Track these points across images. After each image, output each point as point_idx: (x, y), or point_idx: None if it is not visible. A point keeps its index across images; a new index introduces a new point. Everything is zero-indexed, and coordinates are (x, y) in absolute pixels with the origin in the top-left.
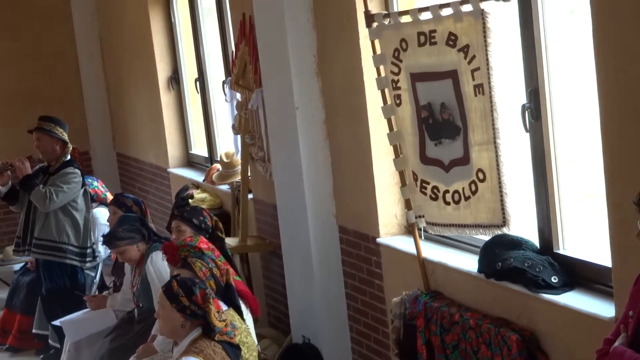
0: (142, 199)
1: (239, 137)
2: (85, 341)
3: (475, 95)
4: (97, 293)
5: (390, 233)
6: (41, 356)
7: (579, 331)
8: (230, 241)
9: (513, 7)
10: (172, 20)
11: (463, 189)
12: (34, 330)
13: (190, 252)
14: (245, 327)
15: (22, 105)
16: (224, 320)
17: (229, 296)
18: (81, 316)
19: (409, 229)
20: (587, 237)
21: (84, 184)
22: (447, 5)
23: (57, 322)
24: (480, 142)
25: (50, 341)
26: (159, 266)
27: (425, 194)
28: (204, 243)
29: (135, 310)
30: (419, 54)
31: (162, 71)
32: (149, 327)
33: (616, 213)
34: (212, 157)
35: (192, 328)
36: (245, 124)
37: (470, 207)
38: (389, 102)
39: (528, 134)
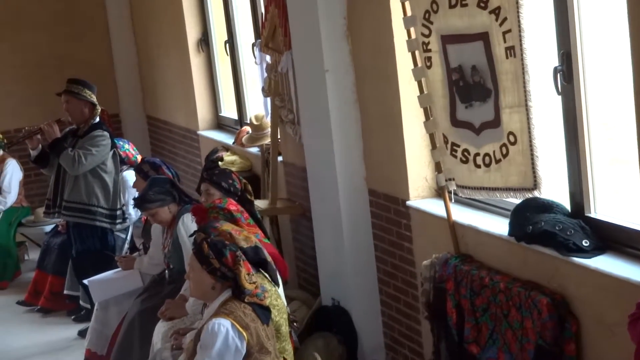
0: (164, 161)
1: (268, 99)
2: (112, 301)
3: (507, 57)
4: (128, 254)
5: (420, 196)
6: (72, 317)
7: (610, 295)
8: (260, 204)
9: None
10: None
11: (494, 151)
12: (65, 291)
13: (219, 214)
14: (275, 289)
15: (52, 69)
16: (254, 283)
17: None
18: (107, 277)
19: (439, 192)
20: (619, 200)
21: (113, 146)
22: None
23: (85, 282)
24: (512, 105)
25: (81, 302)
26: (190, 227)
27: (455, 156)
28: (233, 205)
29: (166, 271)
30: (450, 15)
31: (192, 33)
32: (180, 288)
33: None
34: (241, 120)
35: (222, 290)
36: (275, 87)
37: (501, 170)
38: (419, 65)
39: (560, 97)
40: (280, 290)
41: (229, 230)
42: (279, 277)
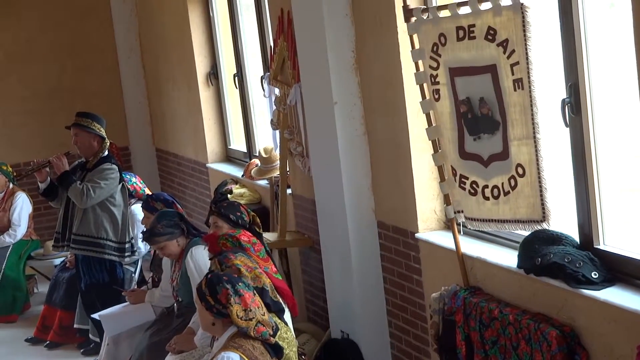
0: (174, 196)
1: (277, 132)
2: (124, 335)
3: (515, 89)
4: (135, 288)
5: (429, 228)
6: (81, 350)
7: (619, 327)
8: (269, 236)
9: (553, 1)
10: (211, 15)
11: (502, 184)
12: (75, 325)
13: (228, 241)
14: (282, 324)
15: (62, 102)
16: (250, 319)
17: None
18: (120, 310)
19: (448, 224)
20: (628, 232)
21: (121, 180)
22: None
23: (96, 316)
24: (520, 137)
25: (90, 335)
26: (199, 260)
27: (464, 189)
28: (245, 236)
29: (175, 304)
30: (458, 48)
31: (201, 67)
32: (189, 321)
33: None
34: (250, 152)
35: (223, 326)
36: (283, 119)
37: (509, 202)
38: (427, 97)
39: (568, 129)
40: (289, 323)
41: (240, 266)
42: (289, 318)
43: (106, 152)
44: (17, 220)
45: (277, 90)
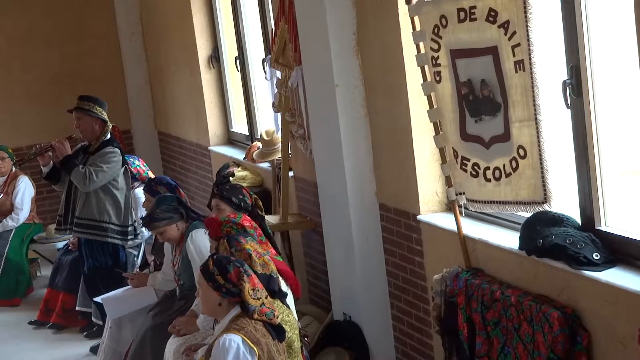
0: (176, 179)
1: (279, 115)
2: (126, 318)
3: (516, 71)
4: (137, 271)
5: (430, 210)
6: (84, 333)
7: (620, 308)
8: (271, 219)
9: None
10: None
11: (504, 165)
12: (77, 308)
13: (232, 228)
14: (284, 307)
15: (64, 86)
16: (258, 299)
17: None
18: (122, 293)
19: (450, 206)
20: (629, 213)
21: (124, 163)
22: None
23: (98, 299)
24: (521, 119)
25: (93, 318)
26: (199, 244)
27: (465, 170)
28: (247, 221)
29: (177, 287)
30: (459, 30)
31: (203, 50)
32: (191, 304)
33: None
34: (252, 135)
35: (230, 306)
36: (285, 102)
37: (511, 183)
38: (428, 79)
39: (569, 110)
40: (292, 305)
41: (251, 251)
42: (291, 300)
43: (109, 136)
44: (20, 204)
45: (278, 73)
